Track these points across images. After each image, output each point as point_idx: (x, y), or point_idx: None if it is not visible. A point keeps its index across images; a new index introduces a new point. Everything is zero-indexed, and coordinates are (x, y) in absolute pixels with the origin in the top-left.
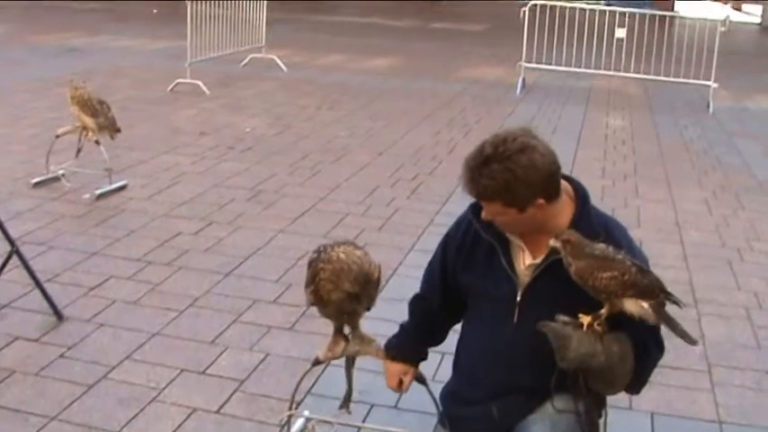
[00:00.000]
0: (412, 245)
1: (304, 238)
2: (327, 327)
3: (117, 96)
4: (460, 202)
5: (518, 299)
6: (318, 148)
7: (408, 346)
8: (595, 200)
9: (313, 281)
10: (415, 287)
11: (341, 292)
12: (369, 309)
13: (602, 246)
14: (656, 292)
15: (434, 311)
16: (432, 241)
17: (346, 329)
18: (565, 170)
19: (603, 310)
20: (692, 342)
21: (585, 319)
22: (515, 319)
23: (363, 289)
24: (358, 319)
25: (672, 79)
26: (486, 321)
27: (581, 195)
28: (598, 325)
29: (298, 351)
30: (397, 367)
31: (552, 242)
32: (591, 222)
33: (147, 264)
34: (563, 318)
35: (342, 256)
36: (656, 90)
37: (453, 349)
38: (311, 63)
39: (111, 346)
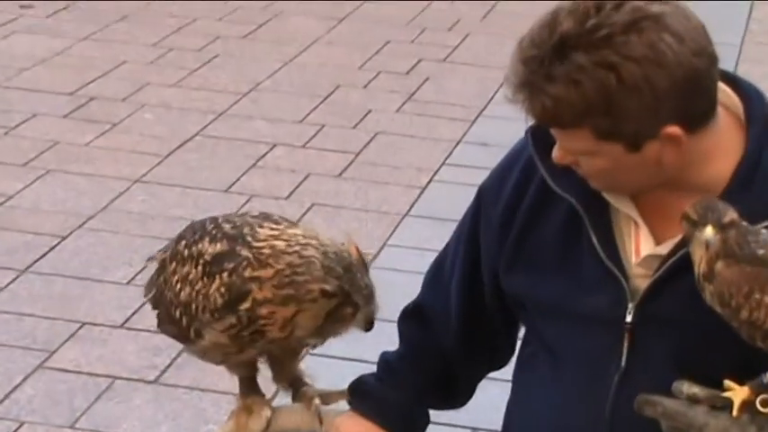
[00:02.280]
0: (391, 229)
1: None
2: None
3: None
4: (497, 132)
5: (628, 319)
6: None
7: (392, 398)
8: None
9: (236, 303)
10: (400, 303)
11: (308, 307)
12: (370, 321)
13: None
14: None
15: (447, 343)
16: (435, 213)
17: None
18: (726, 61)
19: None
20: None
21: (738, 395)
22: (624, 360)
23: (348, 275)
24: (298, 360)
25: None
26: (565, 364)
27: (758, 114)
28: (764, 404)
29: (170, 426)
30: (358, 428)
31: (713, 238)
32: None
33: None
34: (689, 388)
35: (277, 244)
36: None
37: (494, 418)
38: None
39: None
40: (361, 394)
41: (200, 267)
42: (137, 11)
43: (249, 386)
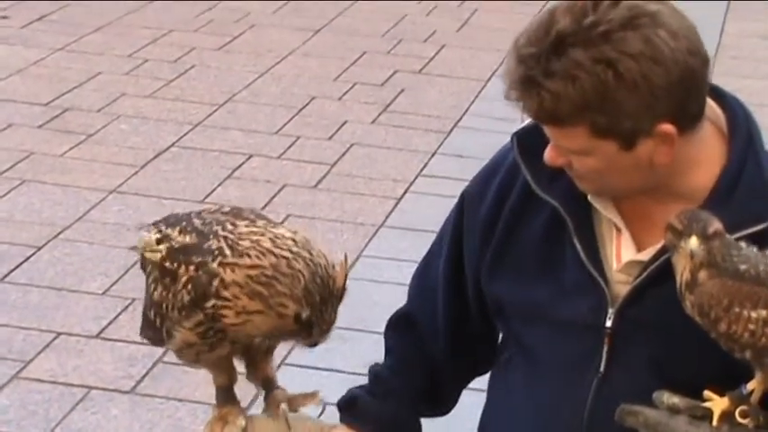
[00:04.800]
0: (366, 240)
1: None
2: (207, 381)
3: None
4: (473, 143)
5: (608, 324)
6: None
7: (387, 412)
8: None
9: (202, 301)
10: (376, 314)
11: (273, 316)
12: (315, 344)
13: (754, 253)
14: None
15: (436, 350)
16: (411, 224)
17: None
18: None
19: (753, 383)
20: None
21: (717, 405)
22: (603, 365)
23: (322, 306)
24: (272, 362)
25: None
26: (544, 369)
27: (741, 125)
28: (743, 415)
29: None
30: None
31: (697, 250)
32: (763, 182)
33: None
34: (670, 398)
35: (261, 240)
36: None
37: (468, 426)
38: None
39: None
40: (354, 409)
41: (165, 251)
42: (112, 22)
43: (225, 396)
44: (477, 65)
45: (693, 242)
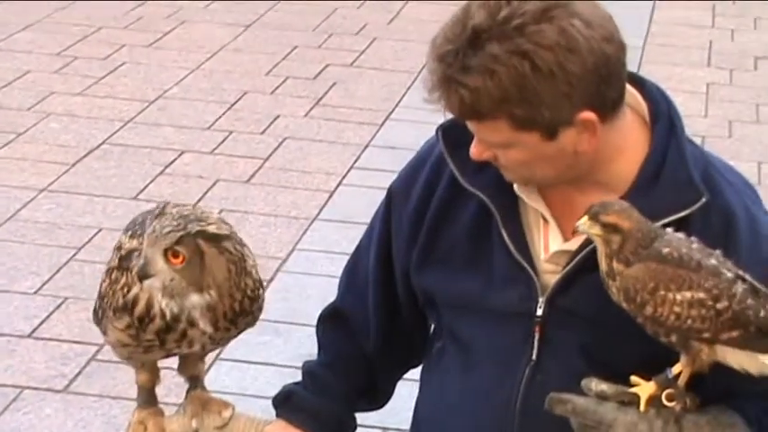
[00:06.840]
0: (300, 234)
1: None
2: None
3: None
4: (405, 135)
5: (538, 313)
6: None
7: (324, 409)
8: (690, 120)
9: (132, 306)
10: (311, 306)
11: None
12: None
13: (677, 238)
14: None
15: (368, 344)
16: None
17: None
18: (629, 63)
19: (679, 367)
20: None
21: (644, 390)
22: (534, 352)
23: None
24: (203, 365)
25: None
26: (477, 358)
27: (663, 114)
28: (669, 399)
29: None
30: None
31: (582, 225)
32: (685, 170)
33: None
34: (598, 385)
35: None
36: None
37: (403, 417)
38: None
39: None
40: (290, 404)
41: (116, 260)
42: (40, 20)
43: (146, 397)
44: (409, 57)
45: (581, 220)
